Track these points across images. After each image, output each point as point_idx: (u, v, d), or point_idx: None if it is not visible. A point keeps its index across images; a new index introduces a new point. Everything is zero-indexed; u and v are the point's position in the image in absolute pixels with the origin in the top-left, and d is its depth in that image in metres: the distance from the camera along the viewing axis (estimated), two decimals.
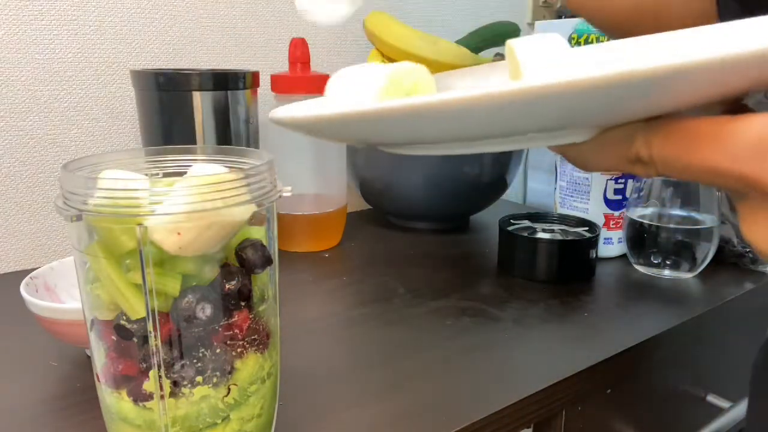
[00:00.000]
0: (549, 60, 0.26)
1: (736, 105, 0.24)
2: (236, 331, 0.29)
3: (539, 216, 0.67)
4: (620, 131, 0.23)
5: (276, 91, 0.65)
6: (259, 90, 0.61)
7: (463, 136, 0.24)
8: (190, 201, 0.25)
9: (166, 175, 0.32)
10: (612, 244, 0.65)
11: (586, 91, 0.19)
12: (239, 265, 0.29)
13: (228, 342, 0.29)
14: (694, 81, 0.19)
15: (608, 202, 0.64)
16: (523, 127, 0.23)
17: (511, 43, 0.28)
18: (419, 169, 0.69)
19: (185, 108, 0.55)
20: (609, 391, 0.48)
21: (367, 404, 0.39)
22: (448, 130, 0.23)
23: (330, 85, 0.29)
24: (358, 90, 0.27)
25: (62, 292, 0.45)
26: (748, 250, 0.62)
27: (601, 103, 0.20)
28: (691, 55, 0.17)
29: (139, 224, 0.25)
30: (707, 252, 0.59)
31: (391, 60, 0.72)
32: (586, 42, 0.78)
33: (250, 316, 0.29)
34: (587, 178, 0.64)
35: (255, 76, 0.59)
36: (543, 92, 0.19)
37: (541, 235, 0.63)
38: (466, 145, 0.25)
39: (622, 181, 0.63)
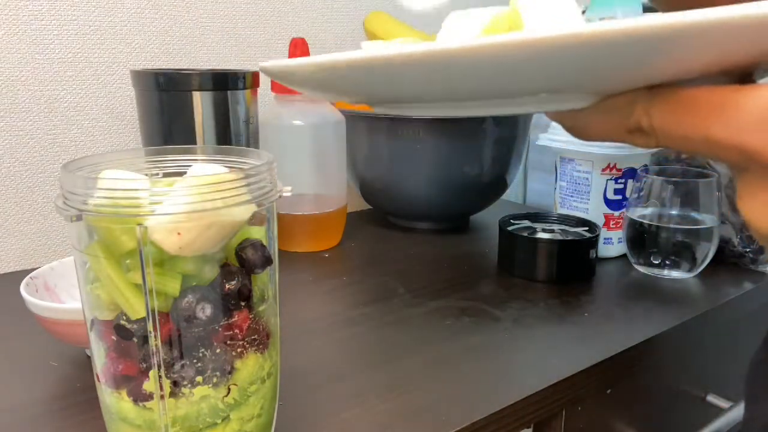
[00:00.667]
0: (554, 17, 0.25)
1: (743, 79, 0.23)
2: (236, 331, 0.29)
3: (539, 216, 0.67)
4: (621, 99, 0.23)
5: (276, 91, 0.65)
6: (259, 90, 0.61)
7: (458, 92, 0.23)
8: (190, 201, 0.25)
9: (166, 175, 0.32)
10: (612, 244, 0.65)
11: (589, 45, 0.18)
12: (239, 265, 0.29)
13: (228, 342, 0.29)
14: (698, 43, 0.18)
15: (608, 202, 0.64)
16: (522, 85, 0.22)
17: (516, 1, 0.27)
18: (419, 169, 0.69)
19: (185, 108, 0.55)
20: (609, 391, 0.48)
21: (367, 404, 0.39)
22: (444, 83, 0.22)
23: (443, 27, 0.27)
24: (458, 29, 0.25)
25: (62, 292, 0.45)
26: (748, 250, 0.62)
27: (604, 63, 0.20)
28: (694, 15, 0.17)
29: (139, 224, 0.25)
30: (707, 252, 0.59)
31: None
32: None
33: (250, 316, 0.29)
34: (587, 178, 0.64)
35: (255, 76, 0.59)
36: (546, 44, 0.18)
37: (541, 235, 0.63)
38: (457, 106, 0.25)
39: (622, 181, 0.63)
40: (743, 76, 0.23)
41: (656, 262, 0.60)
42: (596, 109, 0.24)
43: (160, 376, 0.27)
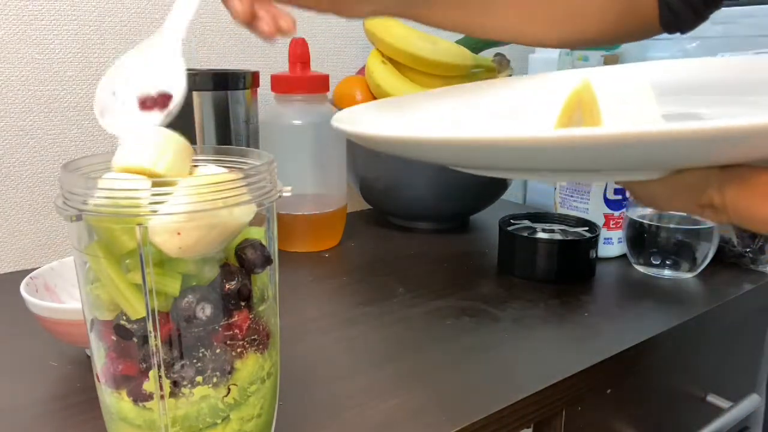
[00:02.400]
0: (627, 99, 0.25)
1: None
2: (236, 331, 0.29)
3: (539, 216, 0.67)
4: (694, 175, 0.23)
5: (276, 91, 0.65)
6: (259, 90, 0.61)
7: (537, 167, 0.24)
8: (190, 201, 0.25)
9: None
10: (612, 244, 0.65)
11: (671, 143, 0.19)
12: (239, 265, 0.29)
13: (228, 342, 0.29)
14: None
15: (608, 202, 0.64)
16: (599, 165, 0.23)
17: (589, 81, 0.27)
18: (419, 169, 0.69)
19: (185, 108, 0.54)
20: (609, 391, 0.48)
21: (367, 404, 0.39)
22: (522, 162, 0.24)
23: None
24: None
25: (62, 292, 0.45)
26: (748, 250, 0.62)
27: (684, 154, 0.21)
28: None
29: (139, 224, 0.25)
30: (707, 252, 0.59)
31: (391, 60, 0.72)
32: None
33: (250, 316, 0.29)
34: None
35: (255, 76, 0.59)
36: (630, 139, 0.19)
37: (541, 235, 0.63)
38: (531, 174, 0.26)
39: None
40: None
41: (656, 262, 0.60)
42: (668, 183, 0.24)
43: (160, 376, 0.27)
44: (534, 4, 0.48)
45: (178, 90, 0.32)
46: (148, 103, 0.32)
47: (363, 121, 0.38)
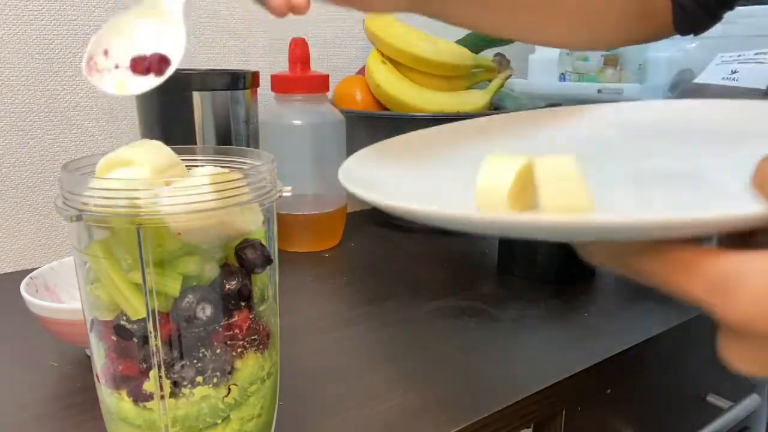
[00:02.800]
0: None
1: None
2: (236, 331, 0.29)
3: None
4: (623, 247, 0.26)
5: (276, 91, 0.65)
6: (259, 90, 0.61)
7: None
8: (190, 201, 0.25)
9: None
10: None
11: (598, 231, 0.23)
12: (239, 265, 0.29)
13: (228, 342, 0.29)
14: (686, 233, 0.22)
15: None
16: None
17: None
18: None
19: (185, 108, 0.54)
20: (609, 391, 0.48)
21: (367, 404, 0.39)
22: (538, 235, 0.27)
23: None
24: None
25: (62, 292, 0.45)
26: None
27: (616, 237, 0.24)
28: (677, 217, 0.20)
29: (139, 224, 0.25)
30: None
31: (391, 60, 0.72)
32: None
33: (250, 316, 0.29)
34: None
35: (255, 76, 0.59)
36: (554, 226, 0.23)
37: None
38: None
39: None
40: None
41: None
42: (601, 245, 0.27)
43: (160, 377, 0.27)
44: (556, 9, 0.48)
45: (176, 55, 0.30)
46: (142, 66, 0.30)
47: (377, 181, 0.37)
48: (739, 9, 0.73)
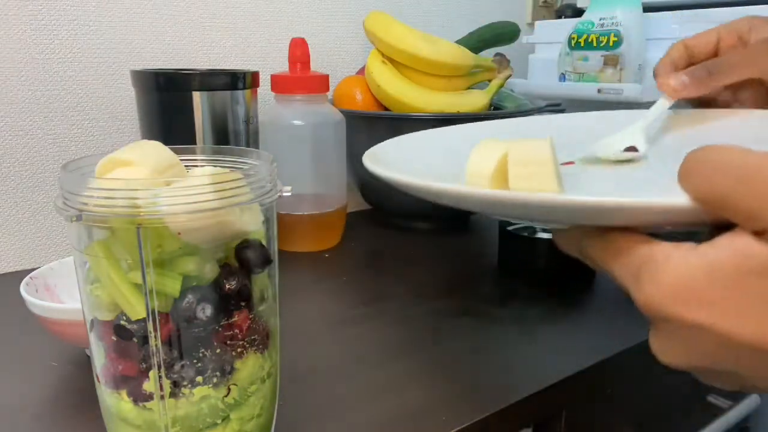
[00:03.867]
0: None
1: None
2: (236, 331, 0.29)
3: None
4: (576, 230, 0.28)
5: (276, 91, 0.65)
6: (259, 90, 0.61)
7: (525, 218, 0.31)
8: (190, 201, 0.25)
9: None
10: None
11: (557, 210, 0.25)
12: (239, 265, 0.29)
13: (228, 342, 0.29)
14: (616, 220, 0.24)
15: None
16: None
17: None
18: None
19: (185, 108, 0.55)
20: (609, 391, 0.48)
21: (366, 404, 0.39)
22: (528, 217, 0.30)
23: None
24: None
25: (62, 292, 0.45)
26: None
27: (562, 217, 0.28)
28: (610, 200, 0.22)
29: (139, 224, 0.25)
30: None
31: (391, 60, 0.72)
32: (586, 42, 0.78)
33: (250, 316, 0.29)
34: None
35: (255, 76, 0.59)
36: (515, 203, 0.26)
37: (541, 235, 0.63)
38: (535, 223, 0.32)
39: None
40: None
41: None
42: (563, 232, 0.29)
43: (160, 377, 0.27)
44: None
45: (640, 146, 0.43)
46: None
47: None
48: (739, 9, 0.73)
